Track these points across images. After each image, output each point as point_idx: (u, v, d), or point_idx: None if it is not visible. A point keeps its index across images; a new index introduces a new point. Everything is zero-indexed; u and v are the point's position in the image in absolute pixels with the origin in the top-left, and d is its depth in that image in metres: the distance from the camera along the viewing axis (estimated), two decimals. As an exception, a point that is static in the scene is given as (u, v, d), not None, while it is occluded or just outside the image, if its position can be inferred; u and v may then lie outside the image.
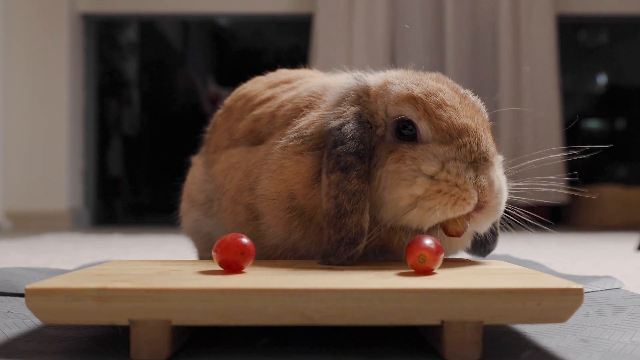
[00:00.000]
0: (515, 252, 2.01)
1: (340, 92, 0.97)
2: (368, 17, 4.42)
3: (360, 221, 0.86)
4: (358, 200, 0.86)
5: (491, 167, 0.88)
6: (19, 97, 4.40)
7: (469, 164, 0.86)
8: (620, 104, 5.58)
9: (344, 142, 0.88)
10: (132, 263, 0.91)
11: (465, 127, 0.88)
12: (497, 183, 0.88)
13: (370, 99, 0.94)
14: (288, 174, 0.93)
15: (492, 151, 0.89)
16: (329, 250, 0.86)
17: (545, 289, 0.67)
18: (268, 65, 1.30)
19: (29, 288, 0.67)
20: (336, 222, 0.86)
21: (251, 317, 0.66)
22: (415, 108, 0.90)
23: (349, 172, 0.86)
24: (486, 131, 0.91)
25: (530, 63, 4.36)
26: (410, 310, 0.66)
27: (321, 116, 0.95)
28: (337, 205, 0.86)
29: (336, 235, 0.86)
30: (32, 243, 2.68)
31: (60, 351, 0.71)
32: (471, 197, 0.85)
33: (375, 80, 0.97)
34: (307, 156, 0.92)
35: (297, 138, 0.94)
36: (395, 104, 0.91)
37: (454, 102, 0.90)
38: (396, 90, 0.92)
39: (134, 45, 5.93)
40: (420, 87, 0.92)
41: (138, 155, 5.91)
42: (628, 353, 0.70)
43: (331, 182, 0.87)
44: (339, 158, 0.87)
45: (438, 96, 0.90)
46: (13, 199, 4.29)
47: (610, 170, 5.27)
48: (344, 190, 0.86)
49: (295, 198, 0.92)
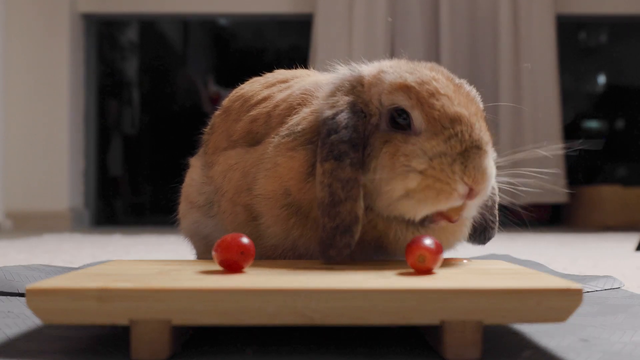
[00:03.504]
0: (515, 252, 2.01)
1: (334, 83, 0.97)
2: (368, 17, 4.42)
3: (354, 208, 0.86)
4: (352, 187, 0.86)
5: (484, 154, 0.88)
6: (19, 97, 4.40)
7: (459, 154, 0.86)
8: (620, 104, 5.58)
9: (338, 130, 0.88)
10: (132, 263, 0.91)
11: (458, 115, 0.88)
12: (484, 168, 0.88)
13: (364, 88, 0.94)
14: (282, 170, 0.93)
15: (485, 139, 0.89)
16: (325, 239, 0.87)
17: (545, 289, 0.67)
18: (268, 66, 1.30)
19: (29, 288, 0.67)
20: (330, 210, 0.86)
21: (251, 317, 0.66)
22: (408, 97, 0.89)
23: (342, 160, 0.87)
24: (480, 120, 0.91)
25: (530, 63, 4.36)
26: (410, 310, 0.66)
27: (313, 111, 0.96)
28: (331, 194, 0.86)
29: (331, 223, 0.86)
30: (32, 243, 2.68)
31: (60, 351, 0.71)
32: (454, 189, 0.86)
33: (370, 70, 0.97)
34: (299, 151, 0.93)
35: (289, 134, 0.95)
36: (388, 93, 0.91)
37: (448, 90, 0.90)
38: (390, 79, 0.92)
39: (134, 45, 5.93)
40: (414, 75, 0.91)
41: (138, 155, 5.91)
42: (628, 353, 0.70)
43: (325, 170, 0.87)
44: (332, 146, 0.87)
45: (431, 85, 0.90)
46: (13, 199, 4.29)
47: (610, 170, 5.27)
48: (337, 178, 0.86)
49: (291, 194, 0.93)
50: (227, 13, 4.95)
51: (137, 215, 5.72)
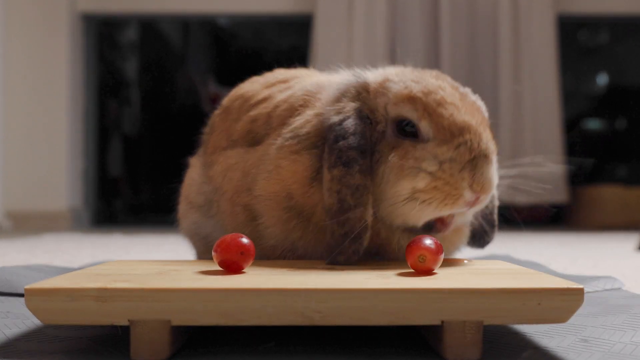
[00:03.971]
0: (515, 252, 2.01)
1: (339, 89, 0.97)
2: (368, 17, 4.42)
3: (363, 215, 0.86)
4: (361, 194, 0.86)
5: (490, 164, 0.90)
6: (19, 97, 4.40)
7: (467, 162, 0.88)
8: (620, 104, 5.58)
9: (346, 137, 0.88)
10: (132, 263, 0.91)
11: (466, 124, 0.89)
12: (489, 177, 0.89)
13: (370, 95, 0.95)
14: (285, 173, 0.93)
15: (492, 149, 0.91)
16: (333, 246, 0.87)
17: (545, 289, 0.67)
18: (268, 65, 1.30)
19: (28, 288, 0.67)
20: (339, 217, 0.86)
21: (251, 317, 0.66)
22: (414, 108, 0.90)
23: (351, 166, 0.87)
24: (486, 129, 0.92)
25: (530, 63, 4.36)
26: (410, 310, 0.66)
27: (317, 114, 0.95)
28: (340, 200, 0.86)
29: (340, 230, 0.86)
30: (32, 243, 2.68)
31: (60, 351, 0.71)
32: (461, 195, 0.87)
33: (375, 77, 0.97)
34: (304, 155, 0.92)
35: (293, 137, 0.94)
36: (394, 104, 0.92)
37: (454, 99, 0.91)
38: (395, 89, 0.92)
39: (134, 45, 5.93)
40: (420, 85, 0.92)
41: (138, 155, 5.91)
42: (628, 353, 0.70)
43: (333, 177, 0.87)
44: (340, 153, 0.87)
45: (438, 94, 0.91)
46: (13, 199, 4.29)
47: (610, 170, 5.27)
48: (346, 184, 0.86)
49: (293, 197, 0.92)
50: (227, 12, 4.95)
51: (137, 215, 5.71)
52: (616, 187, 4.37)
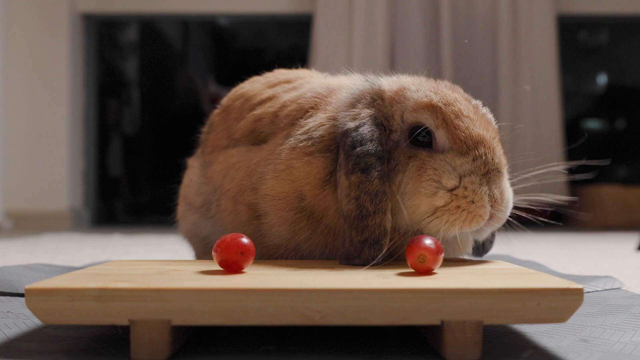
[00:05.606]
0: (515, 252, 2.01)
1: (353, 94, 0.97)
2: (368, 17, 4.42)
3: (383, 222, 0.86)
4: (380, 200, 0.86)
5: (503, 178, 0.91)
6: (19, 97, 4.40)
7: (482, 175, 0.89)
8: (620, 104, 5.58)
9: (363, 143, 0.88)
10: (132, 263, 0.91)
11: (481, 138, 0.90)
12: (506, 194, 0.91)
13: (385, 102, 0.95)
14: (298, 174, 0.92)
15: (504, 163, 0.92)
16: (352, 253, 0.86)
17: (545, 289, 0.67)
18: (268, 65, 1.30)
19: (28, 288, 0.67)
20: (358, 224, 0.85)
21: (251, 317, 0.66)
22: (434, 116, 0.91)
23: (369, 172, 0.86)
24: (498, 142, 0.93)
25: (530, 63, 4.36)
26: (410, 310, 0.66)
27: (331, 118, 0.95)
28: (358, 207, 0.86)
29: (359, 237, 0.85)
30: (32, 243, 2.68)
31: (60, 351, 0.71)
32: (486, 213, 0.88)
33: (390, 85, 0.97)
34: (318, 158, 0.92)
35: (307, 139, 0.94)
36: (413, 111, 0.92)
37: (469, 112, 0.92)
38: (415, 97, 0.93)
39: (134, 45, 5.93)
40: (438, 95, 0.92)
41: (138, 155, 5.91)
42: (628, 353, 0.70)
43: (351, 183, 0.86)
44: (358, 159, 0.87)
45: (455, 106, 0.91)
46: (13, 199, 4.29)
47: (610, 170, 5.27)
48: (365, 191, 0.86)
49: (305, 199, 0.92)
50: (227, 13, 4.95)
51: (137, 215, 5.71)
52: (616, 187, 4.37)
